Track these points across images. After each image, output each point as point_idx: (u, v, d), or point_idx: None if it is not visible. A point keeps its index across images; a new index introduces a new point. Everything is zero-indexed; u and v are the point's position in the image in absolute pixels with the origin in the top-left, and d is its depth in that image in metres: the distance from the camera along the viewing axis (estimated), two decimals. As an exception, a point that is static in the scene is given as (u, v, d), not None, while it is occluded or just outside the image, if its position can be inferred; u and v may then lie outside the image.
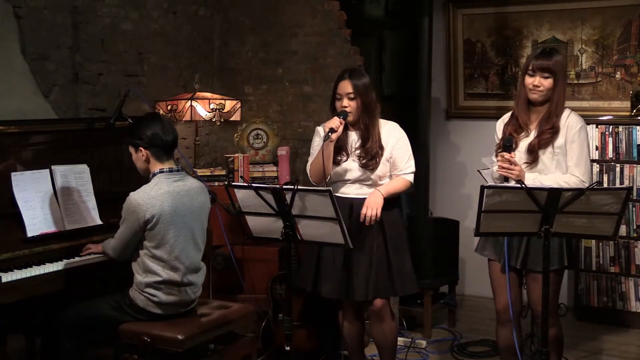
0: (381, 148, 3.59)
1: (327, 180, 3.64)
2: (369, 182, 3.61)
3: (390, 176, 3.64)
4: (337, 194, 3.62)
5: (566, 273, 5.25)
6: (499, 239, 3.41)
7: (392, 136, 3.63)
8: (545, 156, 3.34)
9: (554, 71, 3.31)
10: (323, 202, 2.99)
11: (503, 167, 3.27)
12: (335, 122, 3.48)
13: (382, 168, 3.60)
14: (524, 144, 3.38)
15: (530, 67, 3.35)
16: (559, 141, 3.33)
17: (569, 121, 3.36)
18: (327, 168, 3.56)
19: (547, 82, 3.32)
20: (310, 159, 3.69)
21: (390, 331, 3.70)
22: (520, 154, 3.38)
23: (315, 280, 3.67)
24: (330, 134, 3.45)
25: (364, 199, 3.59)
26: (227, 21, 5.44)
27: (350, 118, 3.57)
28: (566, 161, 3.34)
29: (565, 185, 3.25)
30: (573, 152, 3.33)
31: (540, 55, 3.36)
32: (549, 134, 3.33)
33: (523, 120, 3.40)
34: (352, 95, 3.55)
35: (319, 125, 3.77)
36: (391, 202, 3.62)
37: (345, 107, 3.55)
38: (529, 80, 3.36)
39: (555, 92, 3.33)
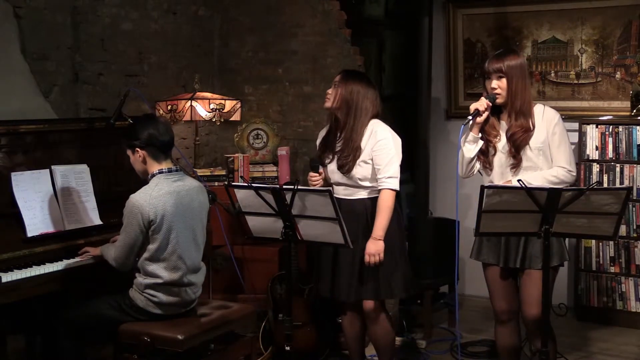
0: (358, 149, 3.55)
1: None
2: (352, 184, 3.60)
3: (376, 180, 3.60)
4: None
5: (566, 273, 5.27)
6: (496, 242, 3.42)
7: (373, 138, 3.55)
8: (530, 153, 3.36)
9: (505, 70, 3.35)
10: (323, 202, 2.99)
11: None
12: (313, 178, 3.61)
13: (360, 170, 3.55)
14: (502, 145, 3.41)
15: (486, 72, 3.41)
16: (541, 136, 3.36)
17: (547, 115, 3.40)
18: None
19: (502, 82, 3.36)
20: None
21: (383, 333, 3.69)
22: (502, 155, 3.41)
23: (317, 280, 3.72)
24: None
25: (351, 200, 3.60)
26: (227, 21, 5.44)
27: (328, 104, 3.59)
28: (550, 154, 3.38)
29: (553, 179, 3.31)
30: (555, 144, 3.37)
31: (492, 58, 3.42)
32: (520, 133, 3.36)
33: (488, 125, 3.43)
34: (335, 84, 3.58)
35: (323, 130, 3.78)
36: None
37: (328, 93, 3.59)
38: (487, 84, 3.41)
39: (510, 90, 3.35)
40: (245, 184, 3.16)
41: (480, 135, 3.39)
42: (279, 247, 4.48)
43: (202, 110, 4.57)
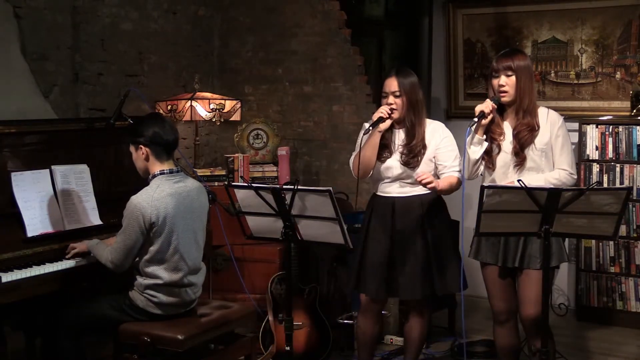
0: (424, 147, 3.55)
1: (370, 174, 3.62)
2: (410, 181, 3.56)
3: (437, 176, 3.58)
4: (378, 193, 3.64)
5: (566, 273, 5.28)
6: (495, 242, 3.42)
7: (436, 136, 3.58)
8: (533, 154, 3.37)
9: (515, 68, 3.36)
10: (323, 202, 2.99)
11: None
12: (385, 109, 3.48)
13: (424, 167, 3.55)
14: (506, 145, 3.41)
15: (494, 70, 3.41)
16: (544, 138, 3.37)
17: (551, 118, 3.41)
18: (371, 158, 3.53)
19: (511, 80, 3.37)
20: (354, 154, 3.65)
21: (424, 327, 3.73)
22: (506, 155, 3.41)
23: (357, 280, 3.64)
24: (379, 122, 3.46)
25: (407, 197, 3.57)
26: (227, 21, 5.44)
27: (395, 115, 3.54)
28: (553, 156, 3.39)
29: (555, 182, 3.31)
30: (558, 146, 3.38)
31: (501, 56, 3.42)
32: (526, 132, 3.37)
33: (493, 125, 3.42)
34: (397, 93, 3.52)
35: (366, 122, 3.73)
36: (435, 200, 3.60)
37: (391, 104, 3.54)
38: (495, 82, 3.41)
39: (519, 88, 3.36)
40: (245, 184, 3.16)
41: (484, 137, 3.39)
42: (279, 247, 4.48)
43: (202, 110, 4.57)
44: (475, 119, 3.35)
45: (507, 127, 3.44)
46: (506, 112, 3.46)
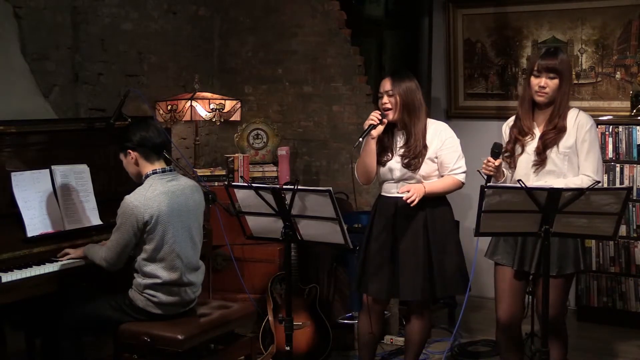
0: (425, 147, 3.54)
1: (374, 180, 3.64)
2: (413, 181, 3.55)
3: (441, 176, 3.58)
4: (383, 193, 3.64)
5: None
6: (512, 244, 3.37)
7: (438, 137, 3.56)
8: (555, 156, 3.29)
9: (560, 71, 3.26)
10: (323, 202, 2.99)
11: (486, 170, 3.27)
12: (375, 115, 3.48)
13: (426, 167, 3.54)
14: (531, 146, 3.35)
15: (536, 68, 3.29)
16: (569, 141, 3.29)
17: (579, 120, 3.31)
18: (370, 165, 3.55)
19: (553, 83, 3.27)
20: (358, 160, 3.68)
21: (427, 328, 3.73)
22: (528, 156, 3.35)
23: (360, 280, 3.65)
24: (370, 130, 3.46)
25: None
26: (227, 21, 5.44)
27: (390, 116, 3.53)
28: (577, 161, 3.31)
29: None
30: (584, 151, 3.29)
31: (546, 55, 3.30)
32: (552, 133, 3.29)
33: (526, 124, 3.35)
34: (390, 92, 3.52)
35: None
36: (439, 201, 3.59)
37: (385, 103, 3.54)
38: (534, 81, 3.30)
39: (560, 93, 3.28)
40: (245, 184, 3.16)
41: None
42: (279, 247, 4.47)
43: (202, 110, 4.57)
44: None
45: (536, 129, 3.36)
46: (537, 113, 3.36)
